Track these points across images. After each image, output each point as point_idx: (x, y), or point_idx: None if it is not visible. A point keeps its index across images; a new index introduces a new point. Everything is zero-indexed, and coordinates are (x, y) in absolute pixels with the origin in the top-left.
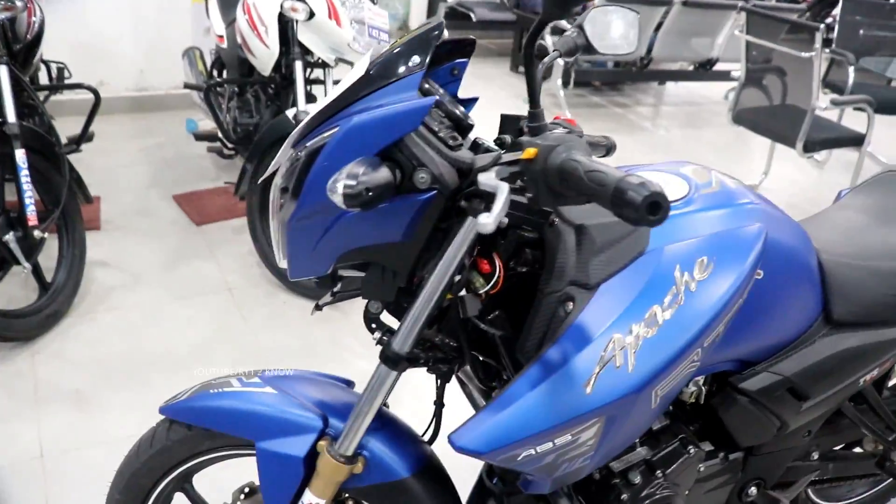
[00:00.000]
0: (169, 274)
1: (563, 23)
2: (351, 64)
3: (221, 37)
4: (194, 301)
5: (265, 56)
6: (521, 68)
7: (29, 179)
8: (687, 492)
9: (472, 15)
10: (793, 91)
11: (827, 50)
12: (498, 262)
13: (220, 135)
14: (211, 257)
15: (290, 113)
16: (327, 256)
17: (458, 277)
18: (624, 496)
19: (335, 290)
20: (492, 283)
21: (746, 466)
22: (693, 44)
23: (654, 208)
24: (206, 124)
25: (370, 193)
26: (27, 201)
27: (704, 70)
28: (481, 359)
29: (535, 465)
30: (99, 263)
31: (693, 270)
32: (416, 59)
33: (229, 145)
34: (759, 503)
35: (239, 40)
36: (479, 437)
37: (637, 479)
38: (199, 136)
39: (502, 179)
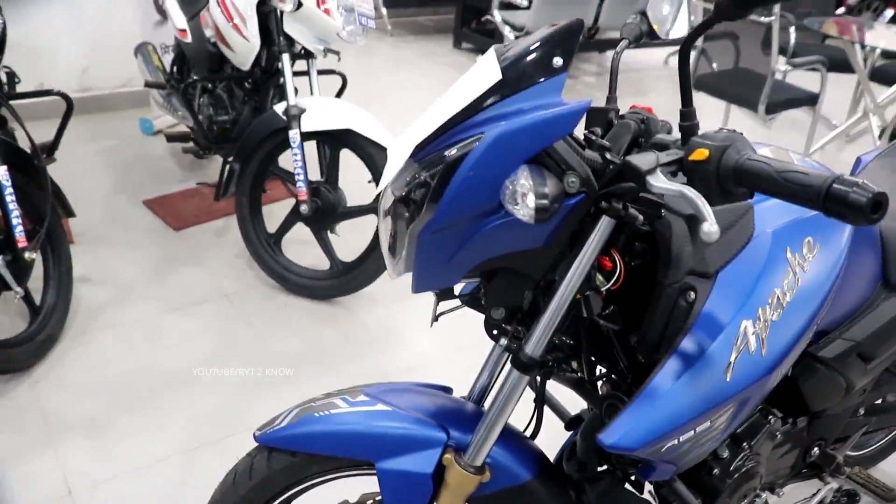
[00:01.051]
0: (158, 284)
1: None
2: (337, 53)
3: (184, 31)
4: (192, 311)
5: (245, 50)
6: (465, 45)
7: (14, 198)
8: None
9: None
10: (751, 55)
11: None
12: (618, 259)
13: (192, 134)
14: (198, 263)
15: (279, 108)
16: (462, 267)
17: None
18: (715, 471)
19: (459, 293)
20: (613, 280)
21: (811, 429)
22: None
23: (877, 207)
24: (163, 122)
25: (556, 205)
26: (14, 221)
27: (648, 38)
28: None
29: (674, 454)
30: (82, 280)
31: (802, 251)
32: (558, 60)
33: (204, 145)
34: (820, 462)
35: (209, 34)
36: (630, 434)
37: (725, 454)
38: (172, 138)
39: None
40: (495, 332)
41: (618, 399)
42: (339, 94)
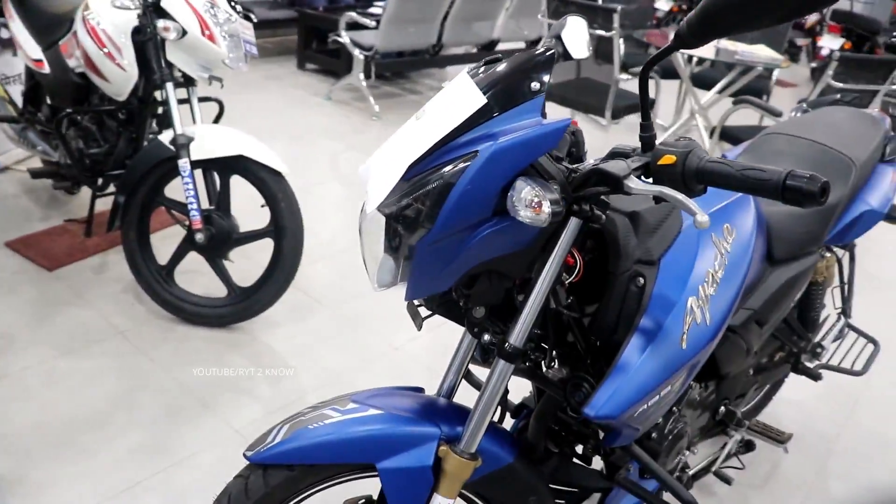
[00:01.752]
0: (44, 329)
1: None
2: (220, 80)
3: (40, 61)
4: (87, 352)
5: (120, 79)
6: (308, 65)
7: None
8: None
9: (253, 16)
10: (593, 66)
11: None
12: (577, 255)
13: (60, 169)
14: (83, 303)
15: (164, 137)
16: (455, 273)
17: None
18: (654, 434)
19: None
20: (574, 273)
21: (719, 391)
22: (475, 28)
23: (824, 192)
24: (8, 158)
25: (562, 209)
26: None
27: (487, 51)
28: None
29: (642, 418)
30: None
31: (724, 234)
32: (535, 84)
33: (75, 179)
34: (726, 419)
35: (73, 63)
36: (610, 404)
37: (659, 420)
38: (38, 174)
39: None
40: (476, 328)
41: (582, 378)
42: (216, 121)
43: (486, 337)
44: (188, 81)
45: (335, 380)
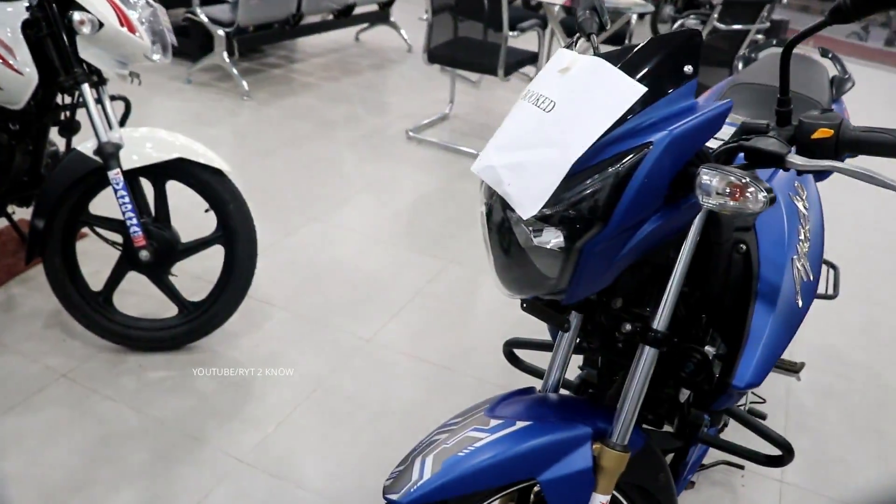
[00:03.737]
0: None
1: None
2: (138, 76)
3: None
4: (32, 406)
5: (17, 85)
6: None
7: None
8: None
9: None
10: (469, 26)
11: None
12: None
13: None
14: (3, 349)
15: (86, 147)
16: (618, 269)
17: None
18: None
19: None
20: None
21: None
22: None
23: None
24: None
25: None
26: None
27: (345, 17)
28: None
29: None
30: None
31: (798, 192)
32: (688, 68)
33: None
34: None
35: None
36: (754, 373)
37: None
38: None
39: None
40: (565, 325)
41: (692, 350)
42: (123, 121)
43: (628, 326)
44: (100, 80)
45: (320, 384)
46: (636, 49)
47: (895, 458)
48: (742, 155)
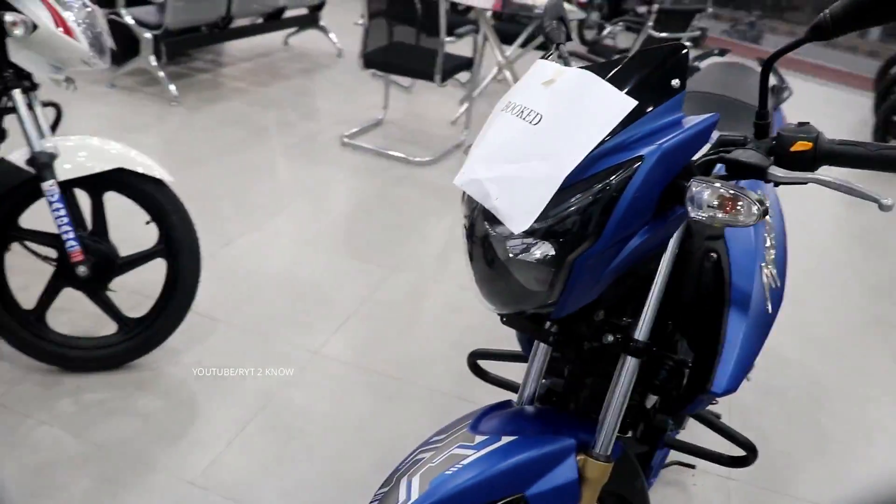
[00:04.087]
0: None
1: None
2: (71, 81)
3: None
4: None
5: None
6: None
7: None
8: None
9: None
10: (404, 31)
11: None
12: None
13: None
14: None
15: (16, 157)
16: (606, 281)
17: None
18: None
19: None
20: None
21: None
22: None
23: None
24: None
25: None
26: None
27: (275, 20)
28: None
29: None
30: None
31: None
32: (676, 81)
33: None
34: None
35: None
36: (731, 379)
37: None
38: None
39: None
40: (550, 338)
41: (665, 358)
42: (54, 128)
43: (610, 337)
44: (32, 85)
45: (269, 400)
46: (623, 62)
47: (835, 449)
48: (721, 167)
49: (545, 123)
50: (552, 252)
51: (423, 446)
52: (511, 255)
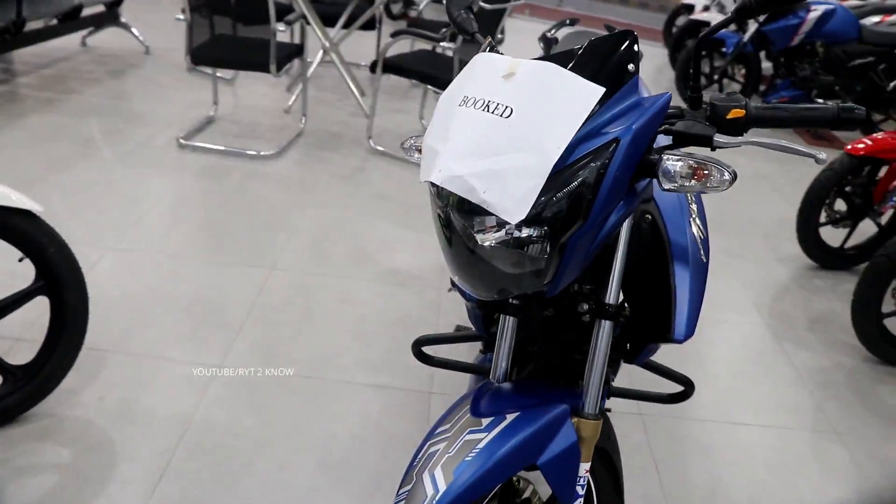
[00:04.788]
0: None
1: None
2: None
3: None
4: None
5: None
6: None
7: None
8: None
9: None
10: (241, 21)
11: None
12: None
13: None
14: None
15: None
16: (590, 257)
17: None
18: None
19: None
20: None
21: None
22: None
23: (868, 115)
24: None
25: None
26: None
27: (72, 20)
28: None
29: None
30: None
31: None
32: (632, 66)
33: None
34: None
35: None
36: (689, 326)
37: None
38: None
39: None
40: (509, 310)
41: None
42: None
43: (585, 305)
44: None
45: (189, 424)
46: (579, 52)
47: (713, 371)
48: (668, 138)
49: (517, 116)
50: (545, 237)
51: (430, 439)
52: (502, 244)
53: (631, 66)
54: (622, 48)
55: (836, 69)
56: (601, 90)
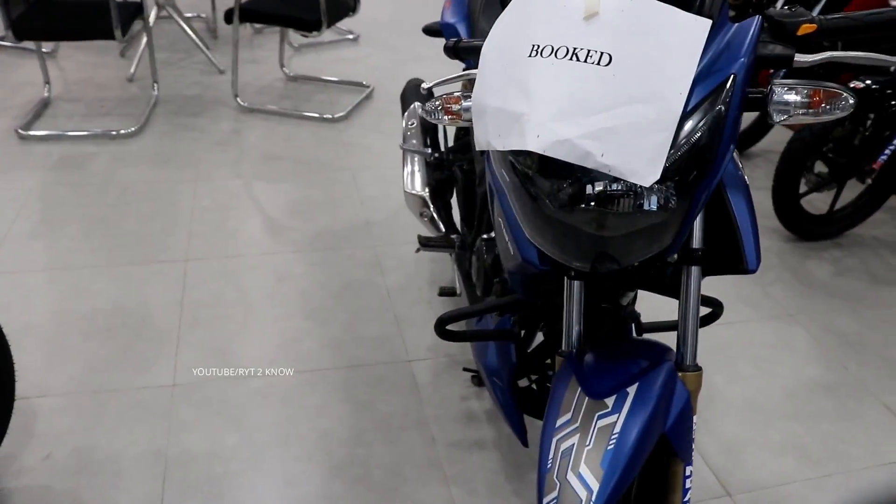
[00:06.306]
0: None
1: None
2: None
3: None
4: None
5: None
6: None
7: None
8: None
9: None
10: None
11: None
12: None
13: None
14: None
15: None
16: (702, 209)
17: None
18: None
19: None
20: None
21: None
22: None
23: None
24: None
25: None
26: None
27: None
28: None
29: None
30: None
31: None
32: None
33: None
34: None
35: None
36: (756, 255)
37: None
38: None
39: None
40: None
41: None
42: None
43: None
44: None
45: (164, 458)
46: None
47: None
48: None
49: (620, 63)
50: (674, 194)
51: (556, 436)
52: (627, 211)
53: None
54: None
55: None
56: (708, 22)
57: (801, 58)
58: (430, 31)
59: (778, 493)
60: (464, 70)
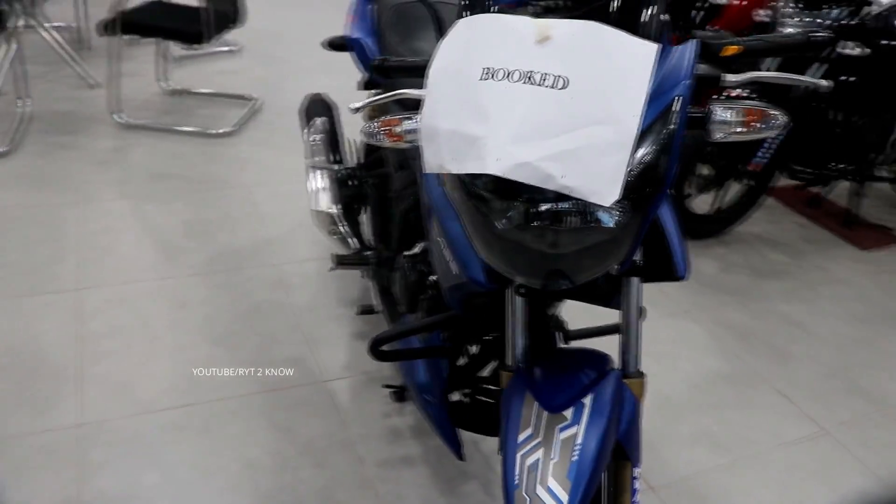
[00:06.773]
0: None
1: None
2: None
3: None
4: None
5: None
6: None
7: None
8: None
9: None
10: None
11: None
12: None
13: None
14: None
15: None
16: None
17: None
18: None
19: None
20: None
21: None
22: None
23: (831, 41)
24: None
25: None
26: None
27: None
28: None
29: None
30: None
31: None
32: (665, 15)
33: None
34: None
35: None
36: (686, 263)
37: None
38: None
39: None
40: (522, 289)
41: None
42: None
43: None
44: None
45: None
46: (614, 7)
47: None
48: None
49: (577, 86)
50: (628, 211)
51: (520, 451)
52: (581, 228)
53: (665, 16)
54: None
55: None
56: (656, 47)
57: (729, 77)
58: (335, 45)
59: (695, 481)
60: (382, 90)
